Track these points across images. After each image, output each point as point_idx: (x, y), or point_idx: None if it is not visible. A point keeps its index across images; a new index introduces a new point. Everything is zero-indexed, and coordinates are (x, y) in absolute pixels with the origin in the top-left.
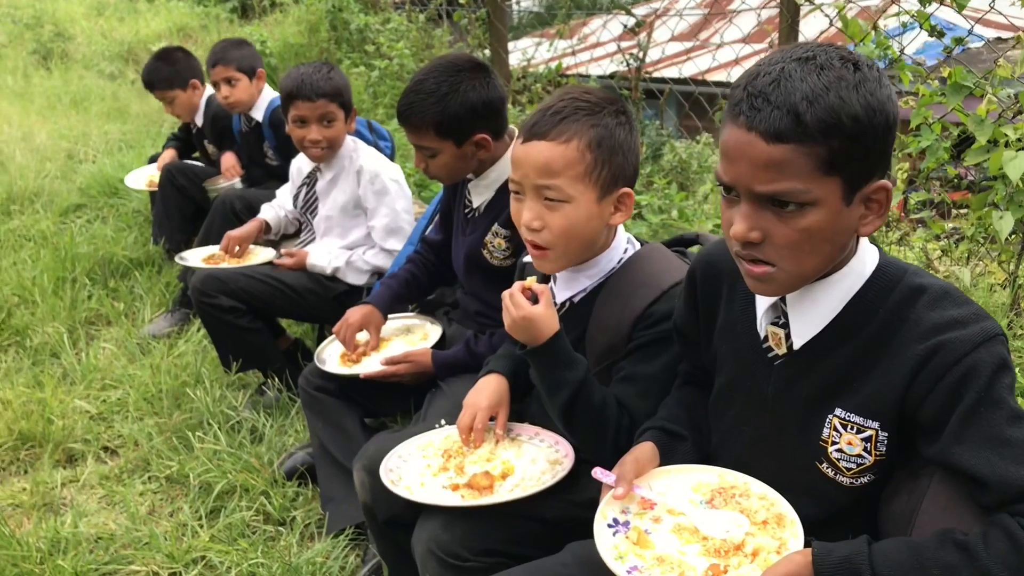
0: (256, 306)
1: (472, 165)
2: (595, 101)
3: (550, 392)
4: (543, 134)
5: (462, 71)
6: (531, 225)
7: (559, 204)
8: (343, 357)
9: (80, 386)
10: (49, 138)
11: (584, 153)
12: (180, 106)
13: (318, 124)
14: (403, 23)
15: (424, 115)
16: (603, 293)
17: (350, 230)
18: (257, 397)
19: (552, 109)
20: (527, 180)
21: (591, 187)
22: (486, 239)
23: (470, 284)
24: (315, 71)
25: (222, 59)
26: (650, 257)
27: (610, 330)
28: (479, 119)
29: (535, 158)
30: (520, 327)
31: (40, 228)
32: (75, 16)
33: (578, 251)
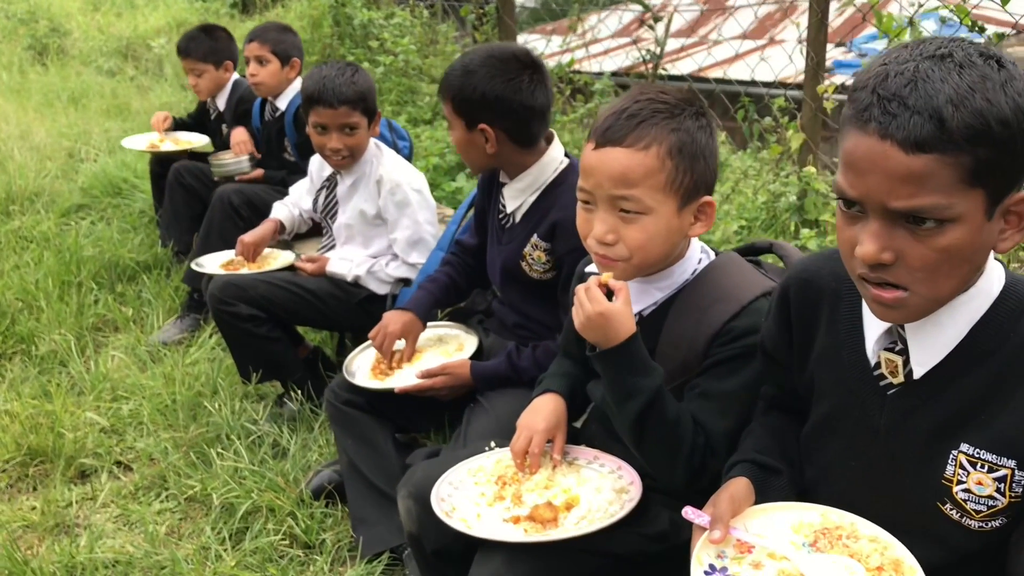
0: (277, 314)
1: (485, 158)
2: (673, 103)
3: (621, 400)
4: (619, 140)
5: (505, 62)
6: (604, 239)
7: (636, 216)
8: (374, 369)
9: (90, 396)
10: (48, 136)
11: (664, 161)
12: (207, 81)
13: (339, 132)
14: (407, 18)
15: (448, 86)
16: (676, 306)
17: (372, 239)
18: (276, 409)
19: (627, 112)
20: (600, 190)
21: (671, 197)
22: (525, 251)
23: (507, 295)
24: (338, 74)
25: (260, 36)
26: (727, 268)
27: (684, 346)
28: (487, 110)
29: (610, 166)
30: (594, 324)
31: (41, 229)
32: (71, 11)
33: (653, 264)
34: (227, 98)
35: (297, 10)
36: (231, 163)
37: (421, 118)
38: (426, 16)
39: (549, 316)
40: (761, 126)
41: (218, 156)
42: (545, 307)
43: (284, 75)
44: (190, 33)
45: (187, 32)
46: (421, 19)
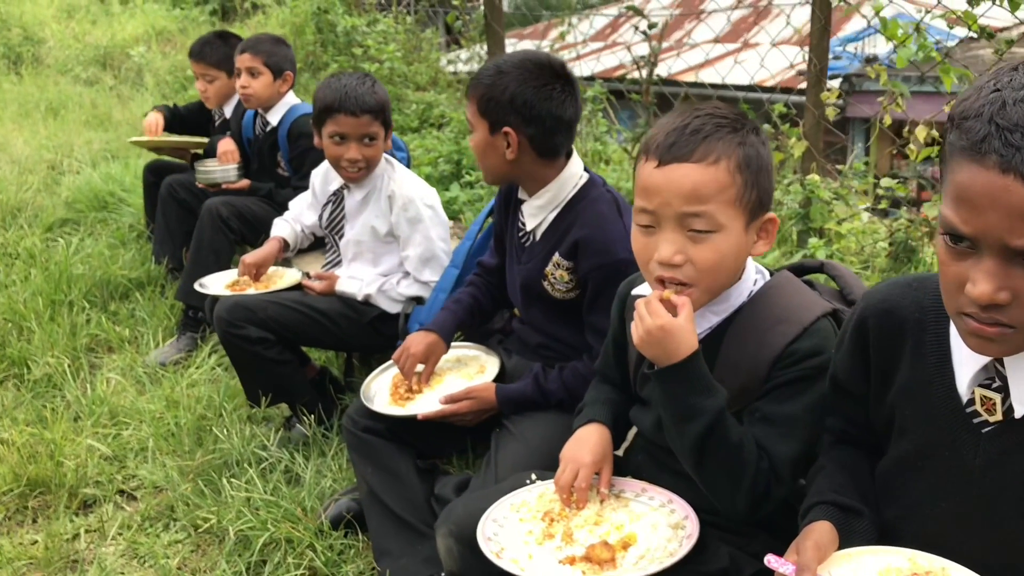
0: (286, 335)
1: (503, 164)
2: (733, 117)
3: (681, 421)
4: (686, 155)
5: (539, 68)
6: (672, 260)
7: (707, 235)
8: (393, 394)
9: (88, 422)
10: (27, 148)
11: (734, 175)
12: (217, 88)
13: (358, 142)
14: (391, 25)
15: (478, 84)
16: (734, 330)
17: (382, 257)
18: (285, 433)
19: (689, 127)
20: (667, 209)
21: (741, 213)
22: (546, 270)
23: (529, 315)
24: (358, 83)
25: (252, 48)
26: (785, 289)
27: (743, 371)
28: (514, 113)
29: (680, 183)
30: (655, 339)
31: (26, 245)
32: (44, 19)
33: (721, 287)
34: (234, 107)
35: (279, 17)
36: (217, 170)
37: (408, 126)
38: (410, 23)
39: (574, 336)
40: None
41: (204, 163)
42: (569, 326)
43: (276, 88)
44: (205, 37)
45: (202, 36)
46: (405, 25)
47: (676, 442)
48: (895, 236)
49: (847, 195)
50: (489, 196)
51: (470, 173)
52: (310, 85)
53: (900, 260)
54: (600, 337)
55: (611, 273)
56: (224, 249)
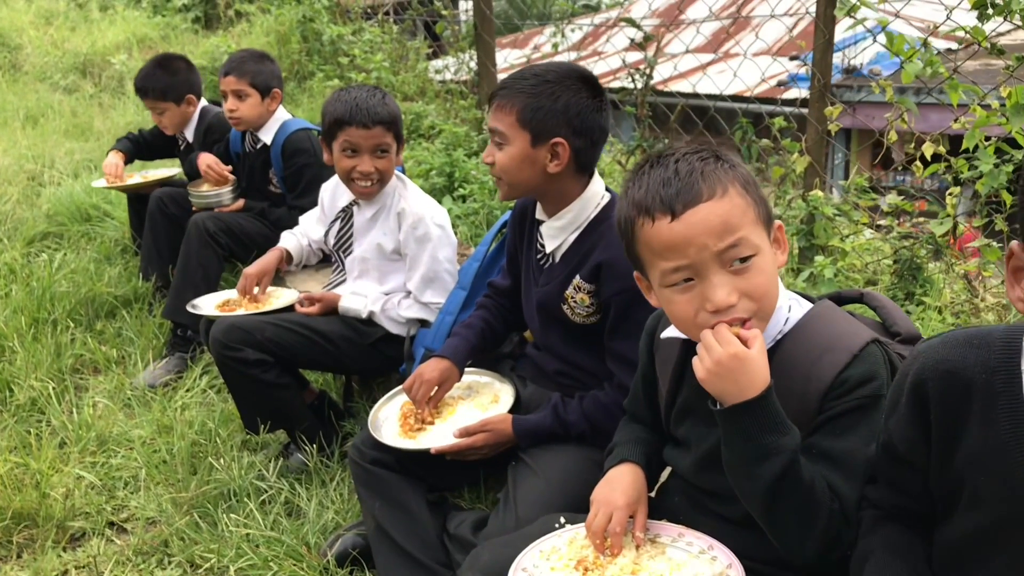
0: (285, 357)
1: (539, 179)
2: (704, 148)
3: (754, 462)
4: (697, 197)
5: (585, 80)
6: (728, 302)
7: (750, 261)
8: (403, 425)
9: (75, 448)
10: (6, 157)
11: (744, 196)
12: (169, 119)
13: (371, 154)
14: (378, 34)
15: (518, 93)
16: (778, 362)
17: (387, 275)
18: (284, 461)
19: (680, 172)
20: (704, 253)
21: (764, 229)
22: (566, 293)
23: (546, 340)
24: (369, 95)
25: (236, 70)
26: (829, 316)
27: (793, 405)
28: (567, 124)
29: (707, 223)
30: (726, 370)
31: (6, 260)
32: (21, 25)
33: (773, 309)
34: (194, 129)
35: (264, 25)
36: (211, 195)
37: None
38: (396, 32)
39: (594, 362)
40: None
41: (197, 185)
42: (589, 352)
43: (265, 107)
44: (145, 70)
45: (143, 69)
46: (392, 35)
47: (744, 484)
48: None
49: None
50: (484, 211)
51: (463, 186)
52: (295, 95)
53: (905, 278)
54: (622, 364)
55: (635, 297)
56: (212, 264)
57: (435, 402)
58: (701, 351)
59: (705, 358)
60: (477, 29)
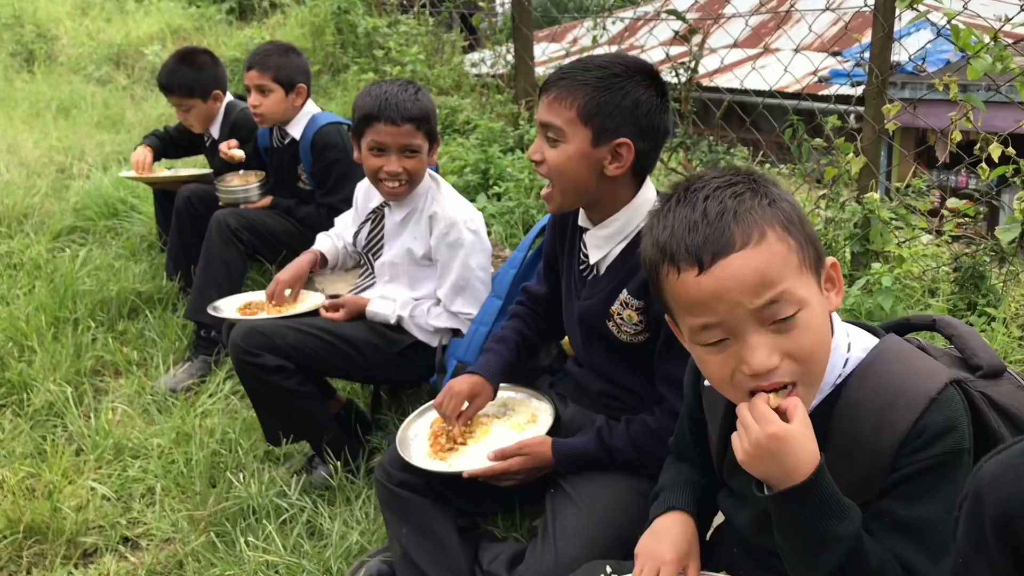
0: (307, 365)
1: (595, 183)
2: (741, 178)
3: (811, 551)
4: (728, 245)
5: (651, 76)
6: (768, 365)
7: (794, 318)
8: (433, 445)
9: (91, 456)
10: (37, 149)
11: (786, 239)
12: (196, 116)
13: (399, 154)
14: (414, 26)
15: (580, 85)
16: (842, 409)
17: (418, 281)
18: (307, 476)
19: (709, 213)
20: (738, 312)
21: (810, 275)
22: (612, 309)
23: (589, 357)
24: (400, 90)
25: (259, 64)
26: (897, 355)
27: (861, 459)
28: (634, 124)
29: (740, 278)
30: (767, 452)
31: (32, 255)
32: (58, 16)
33: (824, 369)
34: (220, 125)
35: (298, 17)
36: (239, 190)
37: None
38: (432, 24)
39: (641, 383)
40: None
41: (225, 180)
42: (636, 372)
43: (290, 103)
44: (169, 65)
45: (165, 65)
46: (427, 27)
47: (803, 573)
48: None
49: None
50: (520, 210)
51: (498, 184)
52: (329, 88)
53: (967, 287)
54: (674, 388)
55: None
56: (235, 262)
57: (466, 418)
58: (740, 431)
59: (743, 438)
60: (515, 22)
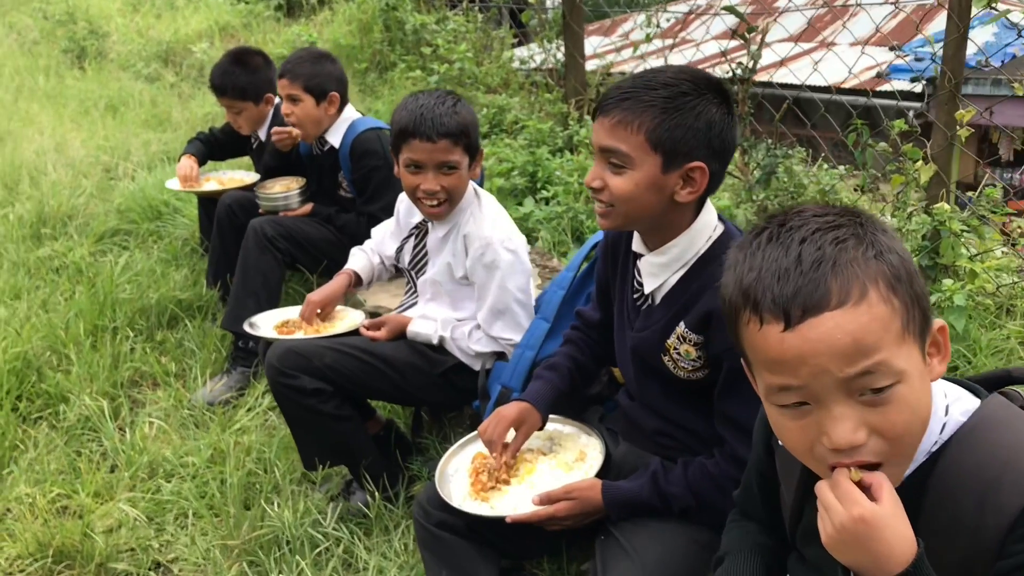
0: (345, 387)
1: (663, 210)
2: (847, 217)
3: None
4: (822, 302)
5: (715, 88)
6: (854, 440)
7: (888, 391)
8: (475, 483)
9: (125, 473)
10: (84, 149)
11: (890, 299)
12: (246, 119)
13: (436, 171)
14: (462, 23)
15: (647, 106)
16: (936, 480)
17: (461, 301)
18: (344, 502)
19: (804, 259)
20: (824, 379)
21: (914, 342)
22: (668, 342)
23: (642, 392)
24: (437, 103)
25: (289, 73)
26: (1003, 421)
27: (961, 540)
28: (706, 145)
29: (832, 342)
30: (852, 539)
31: (74, 259)
32: (109, 12)
33: (916, 446)
34: (267, 127)
35: (346, 13)
36: (278, 197)
37: None
38: (480, 20)
39: (700, 423)
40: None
41: (265, 187)
42: (695, 411)
43: (322, 112)
44: (223, 66)
45: (219, 64)
46: (476, 23)
47: None
48: None
49: (980, 227)
50: (568, 215)
51: (547, 187)
52: (376, 86)
53: None
54: (735, 431)
55: None
56: (272, 271)
57: (513, 450)
58: (822, 512)
59: (826, 520)
60: (566, 19)
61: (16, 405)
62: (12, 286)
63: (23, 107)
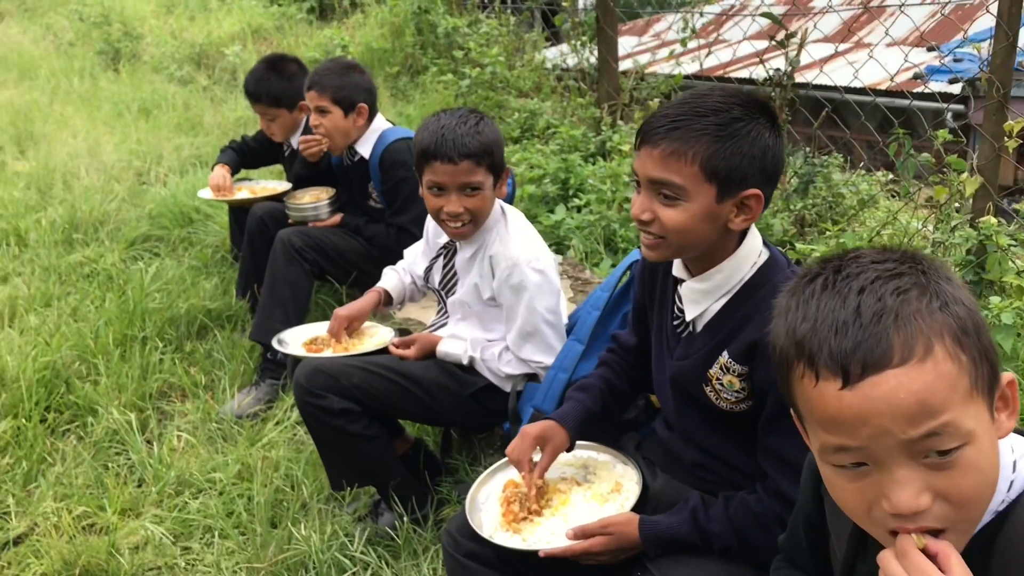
0: (373, 407)
1: (711, 239)
2: (908, 268)
3: None
4: (881, 360)
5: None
6: (917, 506)
7: (956, 453)
8: (506, 514)
9: (152, 488)
10: (116, 152)
11: (956, 355)
12: (280, 126)
13: (459, 192)
14: (495, 26)
15: (698, 134)
16: (1005, 540)
17: (491, 322)
18: (372, 523)
19: (864, 311)
20: (886, 440)
21: (982, 402)
22: (710, 372)
23: (682, 423)
24: (459, 122)
25: (317, 84)
26: None
27: None
28: (761, 171)
29: (895, 400)
30: None
31: (105, 265)
32: (143, 14)
33: (985, 510)
34: (300, 135)
35: (378, 17)
36: (308, 207)
37: (508, 136)
38: (513, 23)
39: (742, 457)
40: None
41: (295, 197)
42: (737, 444)
43: (351, 123)
44: (258, 72)
45: (254, 70)
46: (508, 26)
47: None
48: None
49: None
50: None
51: (579, 195)
52: (408, 90)
53: None
54: (780, 466)
55: None
56: (301, 282)
57: (540, 470)
58: None
59: None
60: (599, 23)
61: (44, 416)
62: (43, 293)
63: (58, 109)
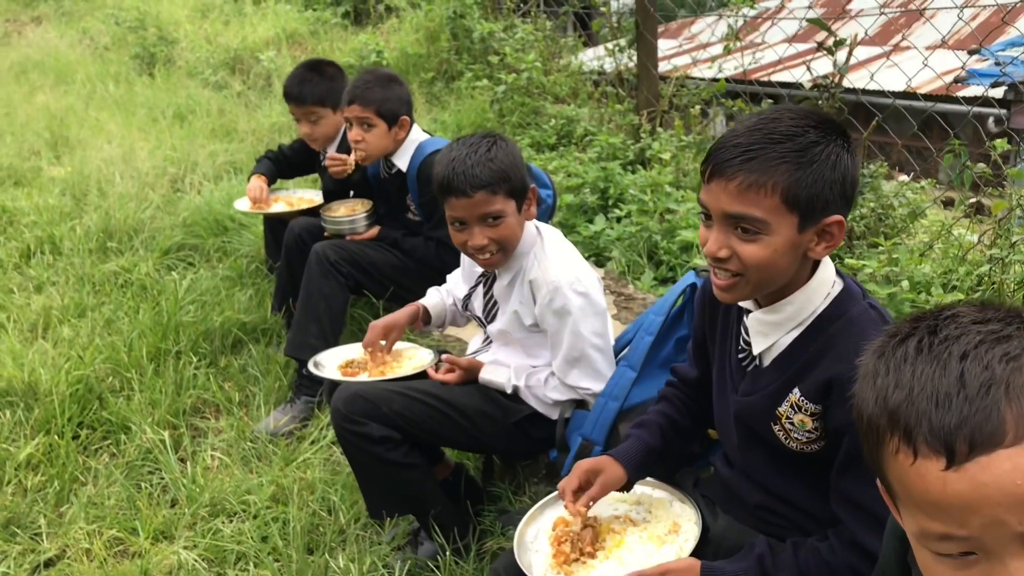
0: (414, 434)
1: (791, 271)
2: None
3: None
4: (992, 438)
5: (834, 128)
6: None
7: None
8: (557, 554)
9: (186, 511)
10: (151, 159)
11: None
12: (323, 128)
13: (480, 225)
14: (531, 32)
15: (776, 163)
16: None
17: (535, 348)
18: (411, 553)
19: (968, 380)
20: (1000, 531)
21: None
22: (779, 410)
23: (745, 462)
24: (469, 152)
25: (360, 98)
26: None
27: None
28: (842, 195)
29: (1011, 488)
30: None
31: (139, 275)
32: (179, 19)
33: None
34: (337, 144)
35: (413, 22)
36: (344, 220)
37: (545, 142)
38: (549, 28)
39: (812, 500)
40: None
41: (330, 209)
42: (806, 487)
43: (392, 136)
44: (299, 74)
45: (294, 73)
46: (544, 31)
47: None
48: None
49: None
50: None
51: (619, 206)
52: (442, 95)
53: None
54: (856, 512)
55: None
56: (336, 296)
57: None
58: None
59: None
60: (639, 28)
61: (77, 433)
62: (77, 303)
63: (93, 115)
